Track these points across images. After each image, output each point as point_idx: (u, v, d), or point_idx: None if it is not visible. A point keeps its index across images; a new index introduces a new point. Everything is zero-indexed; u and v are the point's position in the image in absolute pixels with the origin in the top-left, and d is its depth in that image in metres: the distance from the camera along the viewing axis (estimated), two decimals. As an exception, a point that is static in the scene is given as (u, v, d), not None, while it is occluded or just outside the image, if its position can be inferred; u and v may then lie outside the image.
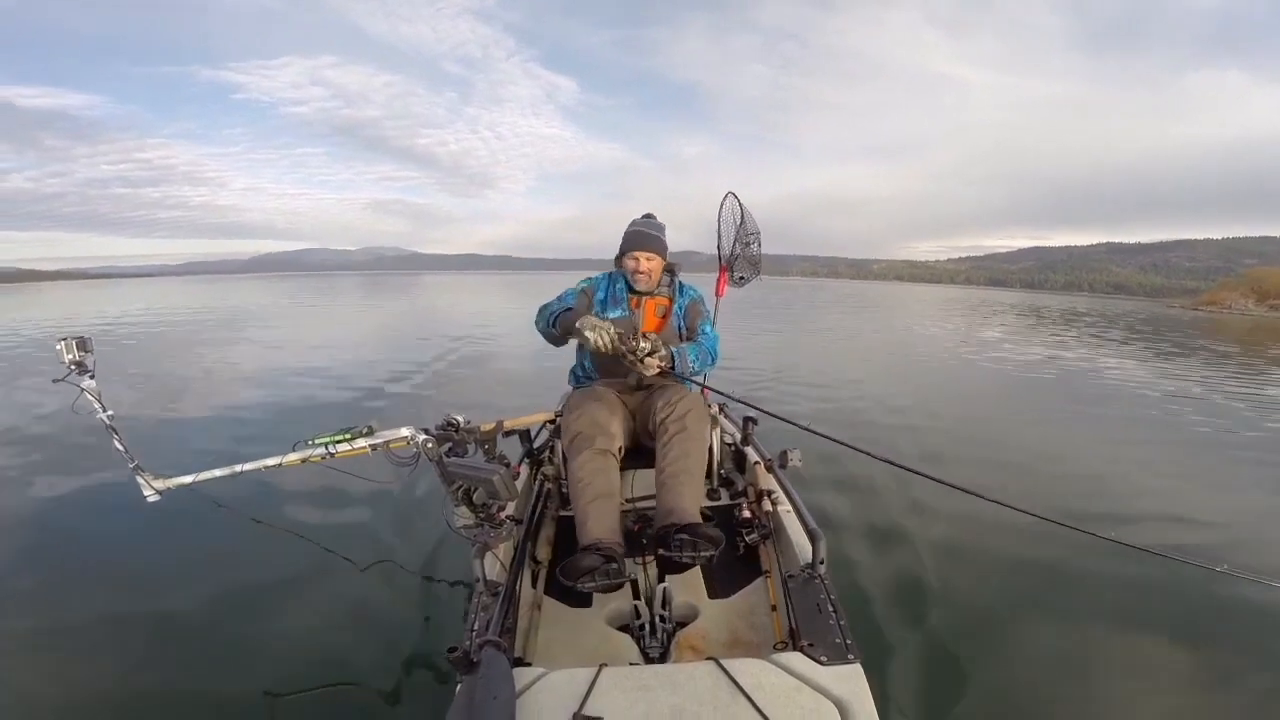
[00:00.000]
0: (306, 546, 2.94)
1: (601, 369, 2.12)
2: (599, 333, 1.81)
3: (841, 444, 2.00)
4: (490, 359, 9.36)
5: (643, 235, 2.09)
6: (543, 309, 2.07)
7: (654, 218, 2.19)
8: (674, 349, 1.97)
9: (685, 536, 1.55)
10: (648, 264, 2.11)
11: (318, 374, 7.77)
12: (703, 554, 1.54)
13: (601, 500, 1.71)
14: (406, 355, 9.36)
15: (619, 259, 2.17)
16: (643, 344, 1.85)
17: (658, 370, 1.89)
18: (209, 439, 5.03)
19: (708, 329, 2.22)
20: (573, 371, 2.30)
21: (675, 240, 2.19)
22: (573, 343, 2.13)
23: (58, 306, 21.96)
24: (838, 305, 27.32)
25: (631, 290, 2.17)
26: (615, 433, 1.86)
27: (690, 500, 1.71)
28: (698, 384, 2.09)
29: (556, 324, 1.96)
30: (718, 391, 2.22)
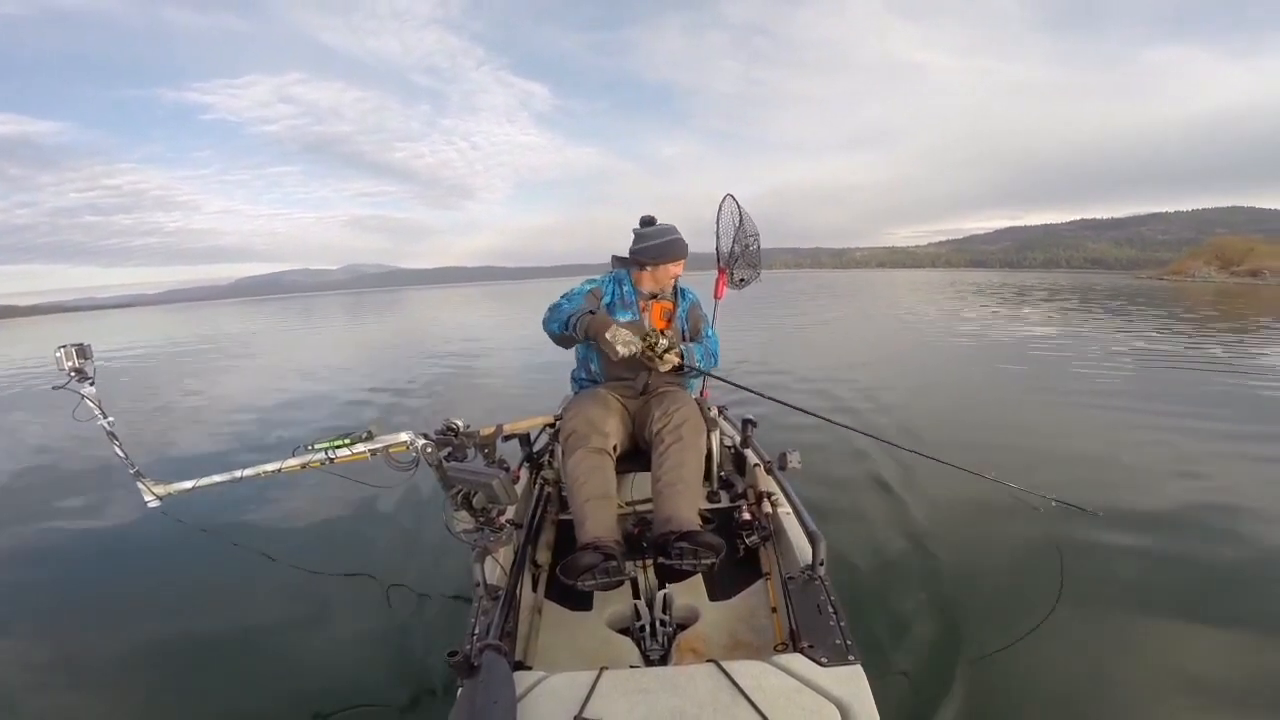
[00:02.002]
0: (305, 552, 2.94)
1: (608, 373, 2.11)
2: (630, 345, 1.86)
3: (840, 425, 2.03)
4: (487, 366, 9.38)
5: (677, 244, 2.09)
6: (553, 309, 2.04)
7: (655, 221, 2.18)
8: (682, 347, 2.04)
9: (685, 545, 1.55)
10: (679, 271, 2.15)
11: (315, 390, 7.80)
12: (704, 562, 1.54)
13: (598, 499, 1.72)
14: (403, 367, 9.37)
15: (637, 264, 2.12)
16: (662, 341, 1.93)
17: (672, 366, 1.95)
18: (210, 452, 5.06)
19: (710, 332, 2.27)
20: (574, 375, 2.29)
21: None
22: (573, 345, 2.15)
23: (41, 342, 19.97)
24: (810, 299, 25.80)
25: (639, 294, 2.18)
26: (610, 432, 1.87)
27: (688, 508, 1.71)
28: (715, 376, 2.17)
29: (574, 328, 1.91)
30: (727, 381, 2.25)
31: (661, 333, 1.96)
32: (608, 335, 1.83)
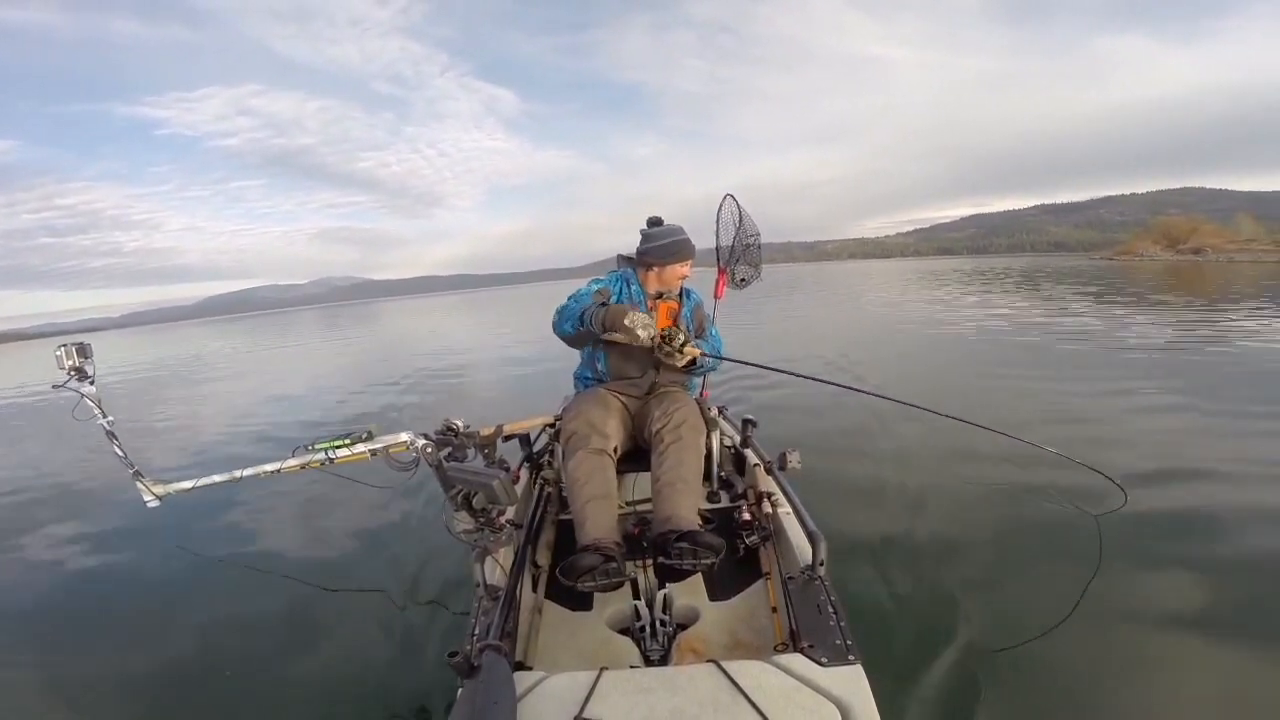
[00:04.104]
0: (302, 554, 2.94)
1: (615, 372, 2.11)
2: (649, 328, 1.84)
3: (855, 390, 2.24)
4: (482, 369, 9.38)
5: (684, 245, 2.09)
6: (562, 311, 2.02)
7: (663, 222, 2.19)
8: (694, 343, 2.03)
9: (685, 545, 1.54)
10: (687, 272, 2.16)
11: (308, 400, 7.79)
12: (703, 561, 1.54)
13: (598, 500, 1.72)
14: (396, 374, 9.32)
15: (643, 265, 2.13)
16: (680, 336, 1.92)
17: (688, 360, 1.95)
18: (206, 460, 5.08)
19: (714, 331, 2.28)
20: (578, 375, 2.28)
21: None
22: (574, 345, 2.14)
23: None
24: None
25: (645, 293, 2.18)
26: (611, 433, 1.87)
27: (688, 508, 1.71)
28: (729, 359, 2.19)
29: (591, 322, 1.87)
30: (739, 361, 2.26)
31: (676, 328, 1.96)
32: (626, 321, 1.80)
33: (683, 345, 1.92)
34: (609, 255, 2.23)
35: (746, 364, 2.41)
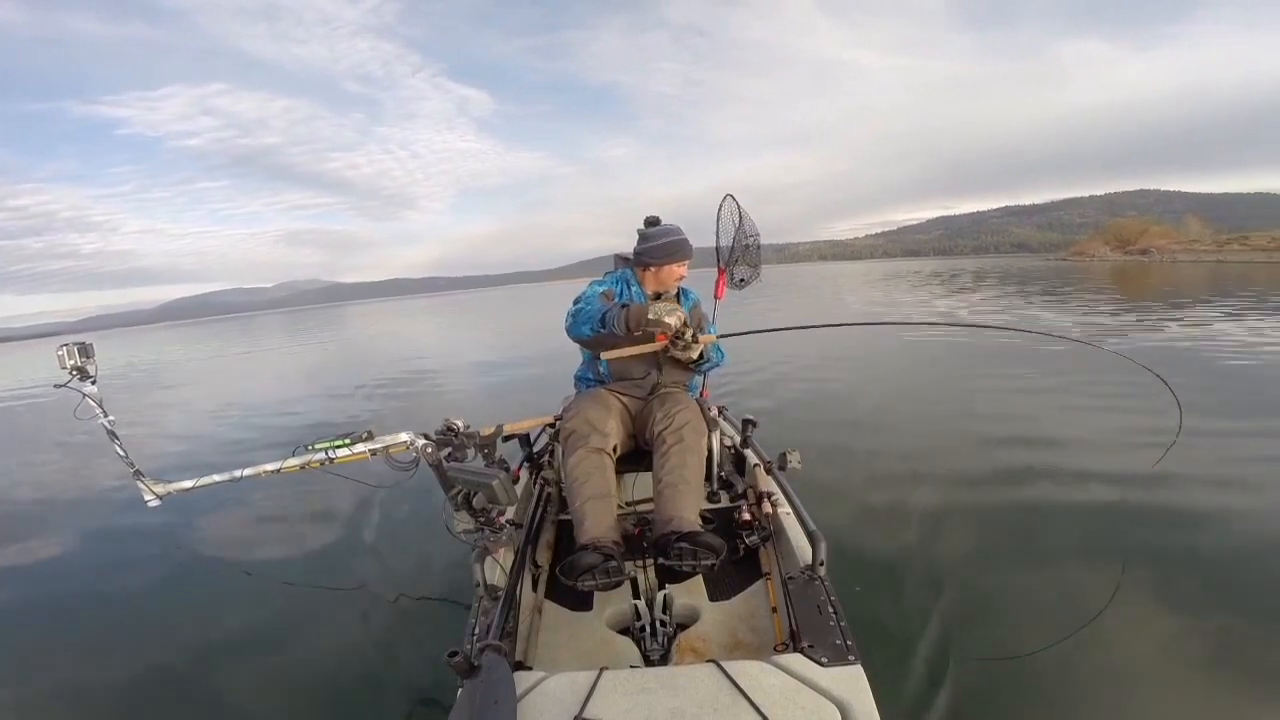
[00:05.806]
0: (304, 552, 2.94)
1: (617, 373, 2.11)
2: (675, 314, 1.80)
3: (875, 324, 2.15)
4: (478, 371, 9.34)
5: (682, 245, 2.09)
6: (577, 315, 1.99)
7: (660, 222, 2.19)
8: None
9: (685, 545, 1.55)
10: (684, 272, 2.16)
11: (297, 406, 7.67)
12: (703, 563, 1.54)
13: (597, 499, 1.71)
14: (386, 377, 9.27)
15: (642, 266, 2.13)
16: (689, 330, 1.89)
17: (700, 349, 1.94)
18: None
19: (714, 331, 2.26)
20: (579, 376, 2.28)
21: (627, 244, 2.24)
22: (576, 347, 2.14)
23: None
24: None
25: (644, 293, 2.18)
26: (610, 432, 1.86)
27: (689, 509, 1.71)
28: (732, 335, 2.21)
29: (614, 324, 1.85)
30: (743, 333, 2.25)
31: (685, 322, 1.92)
32: (651, 314, 1.78)
33: (694, 337, 1.91)
34: (583, 257, 2.23)
35: (756, 332, 2.38)
